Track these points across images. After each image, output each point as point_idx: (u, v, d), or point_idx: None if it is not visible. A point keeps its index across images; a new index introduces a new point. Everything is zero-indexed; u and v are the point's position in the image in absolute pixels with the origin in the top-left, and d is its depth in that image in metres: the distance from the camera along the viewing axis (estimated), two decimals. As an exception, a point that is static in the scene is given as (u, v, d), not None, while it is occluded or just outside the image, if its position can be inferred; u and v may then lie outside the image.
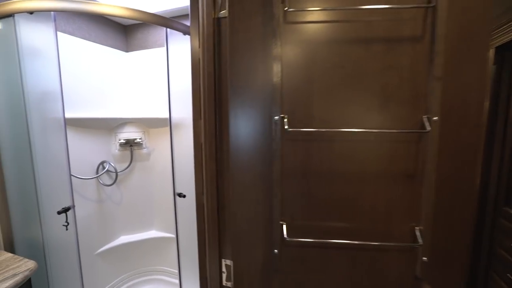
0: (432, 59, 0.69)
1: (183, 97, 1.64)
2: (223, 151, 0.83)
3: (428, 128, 0.69)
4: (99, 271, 1.88)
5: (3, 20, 1.25)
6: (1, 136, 1.31)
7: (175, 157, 2.01)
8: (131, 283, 2.08)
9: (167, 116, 1.99)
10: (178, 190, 1.56)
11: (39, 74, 1.35)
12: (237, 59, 0.77)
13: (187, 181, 1.61)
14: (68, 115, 1.65)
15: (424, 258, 0.74)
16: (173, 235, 2.15)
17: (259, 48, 0.77)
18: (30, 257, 1.38)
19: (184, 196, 1.49)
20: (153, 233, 2.16)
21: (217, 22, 0.78)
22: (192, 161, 1.62)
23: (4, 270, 1.09)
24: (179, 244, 1.66)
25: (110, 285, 1.95)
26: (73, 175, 1.63)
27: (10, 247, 1.35)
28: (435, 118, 0.69)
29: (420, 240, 0.72)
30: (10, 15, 1.22)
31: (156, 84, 2.01)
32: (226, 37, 0.77)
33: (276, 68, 0.75)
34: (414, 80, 0.71)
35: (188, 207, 1.60)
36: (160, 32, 1.97)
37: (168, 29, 1.37)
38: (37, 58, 1.37)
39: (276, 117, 0.75)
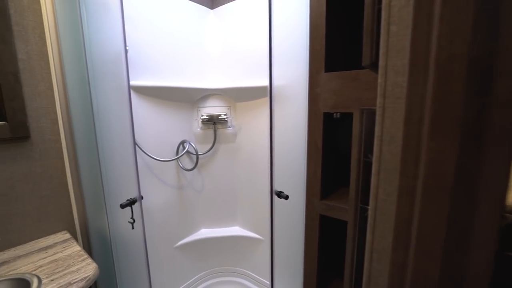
0: None
1: (283, 59, 1.09)
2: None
3: None
4: (178, 266, 1.64)
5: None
6: (72, 103, 1.09)
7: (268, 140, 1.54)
8: (209, 282, 1.80)
9: (261, 84, 1.52)
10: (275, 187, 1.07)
11: (102, 27, 1.05)
12: None
13: (286, 176, 1.10)
14: (142, 82, 1.37)
15: None
16: (260, 236, 1.74)
17: None
18: (101, 250, 1.17)
19: (287, 198, 0.98)
20: (236, 230, 1.80)
21: None
22: (295, 148, 1.09)
23: (62, 273, 0.85)
24: (273, 257, 1.19)
25: (189, 282, 1.71)
26: (151, 157, 1.36)
27: (86, 234, 1.16)
28: None
29: None
30: None
31: (244, 46, 1.54)
32: None
33: None
34: None
35: (283, 206, 1.11)
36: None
37: None
38: (100, 7, 1.06)
39: None
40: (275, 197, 1.06)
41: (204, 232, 1.77)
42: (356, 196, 0.56)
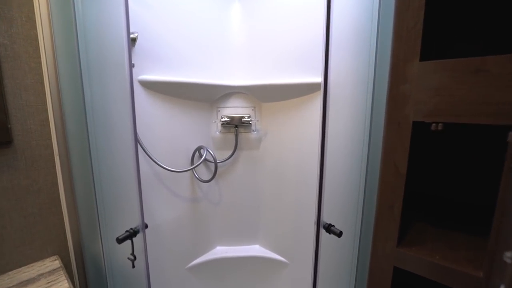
0: None
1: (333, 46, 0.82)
2: None
3: None
4: (190, 291, 1.42)
5: None
6: (65, 100, 0.88)
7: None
8: (225, 307, 1.57)
9: (292, 81, 1.26)
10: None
11: (102, 7, 0.84)
12: None
13: (332, 203, 0.83)
14: (154, 77, 1.14)
15: None
16: (284, 259, 1.49)
17: None
18: (97, 280, 0.95)
19: (340, 235, 0.72)
20: (256, 250, 1.56)
21: None
22: (347, 167, 0.83)
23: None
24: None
25: (202, 308, 1.48)
26: (163, 167, 1.14)
27: (81, 260, 0.95)
28: None
29: None
30: None
31: (274, 38, 1.29)
32: None
33: None
34: None
35: (325, 239, 0.85)
36: None
37: None
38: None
39: None
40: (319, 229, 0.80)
41: (220, 251, 1.54)
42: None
